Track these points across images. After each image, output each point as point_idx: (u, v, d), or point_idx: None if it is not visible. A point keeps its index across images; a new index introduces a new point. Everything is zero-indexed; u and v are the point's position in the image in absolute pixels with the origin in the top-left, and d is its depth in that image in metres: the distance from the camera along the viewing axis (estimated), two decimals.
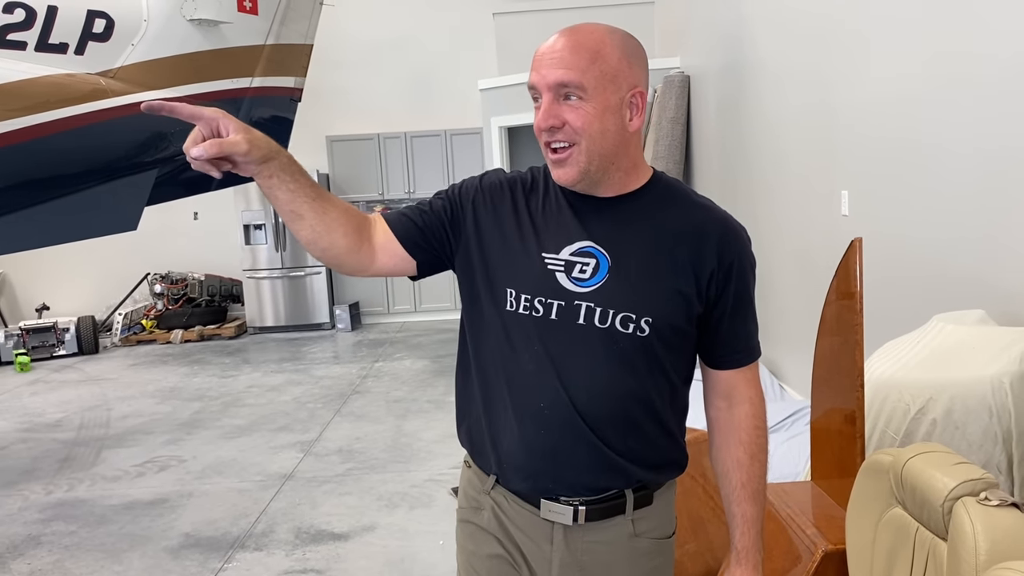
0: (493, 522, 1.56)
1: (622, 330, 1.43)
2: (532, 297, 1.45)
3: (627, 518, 1.51)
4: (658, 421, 1.50)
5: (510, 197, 1.53)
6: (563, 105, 1.37)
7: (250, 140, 1.30)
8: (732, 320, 1.50)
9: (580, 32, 1.40)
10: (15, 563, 3.80)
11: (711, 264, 1.45)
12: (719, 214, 1.52)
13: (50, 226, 5.22)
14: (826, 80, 4.18)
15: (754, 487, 1.54)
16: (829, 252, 4.18)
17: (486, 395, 1.53)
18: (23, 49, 5.02)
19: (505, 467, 1.52)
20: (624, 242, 1.45)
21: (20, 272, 10.20)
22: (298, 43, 6.50)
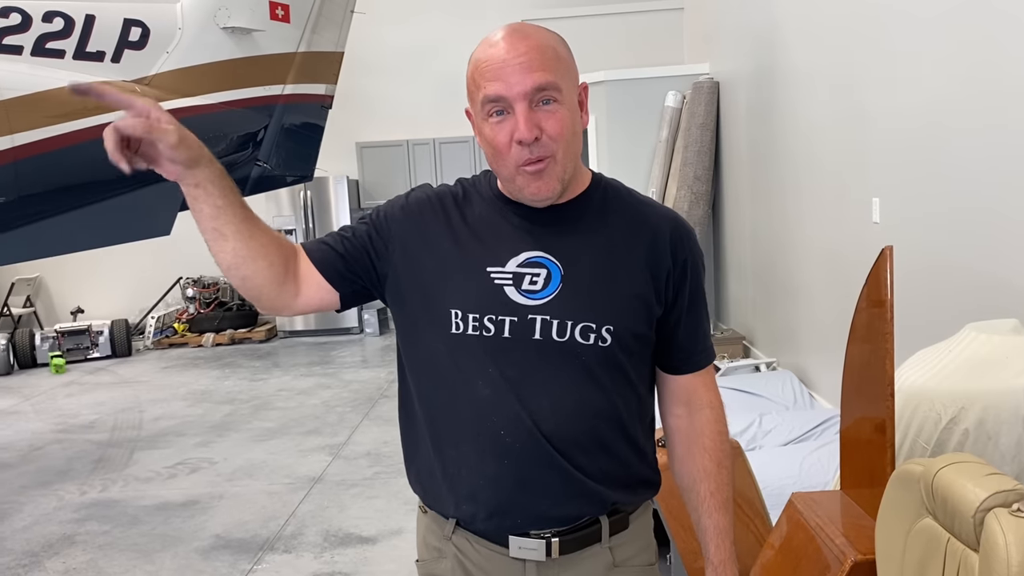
0: (458, 570, 1.43)
1: (582, 342, 1.33)
2: (481, 315, 1.33)
3: (604, 547, 1.41)
4: (628, 438, 1.41)
5: (442, 212, 1.41)
6: (538, 112, 1.27)
7: (181, 133, 1.20)
8: (688, 320, 1.44)
9: (530, 31, 1.31)
10: (50, 562, 3.87)
11: (666, 263, 1.39)
12: (666, 212, 1.47)
13: (85, 231, 5.31)
14: (858, 86, 4.15)
15: (723, 496, 1.46)
16: (860, 260, 4.14)
17: (434, 432, 1.40)
18: (61, 57, 5.13)
19: (465, 507, 1.39)
20: (574, 248, 1.36)
21: (56, 276, 10.38)
22: (329, 50, 6.58)
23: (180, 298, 10.05)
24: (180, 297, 10.04)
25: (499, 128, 1.29)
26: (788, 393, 4.79)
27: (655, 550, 1.53)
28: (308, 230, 9.58)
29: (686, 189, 6.72)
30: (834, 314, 4.60)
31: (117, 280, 10.22)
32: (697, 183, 6.74)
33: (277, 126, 6.17)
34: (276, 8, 6.07)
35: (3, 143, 4.57)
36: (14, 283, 9.91)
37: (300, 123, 6.39)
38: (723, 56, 6.86)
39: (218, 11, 5.72)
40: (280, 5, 6.09)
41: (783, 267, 5.48)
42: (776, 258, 5.62)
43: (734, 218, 6.69)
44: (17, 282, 9.94)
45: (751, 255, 6.21)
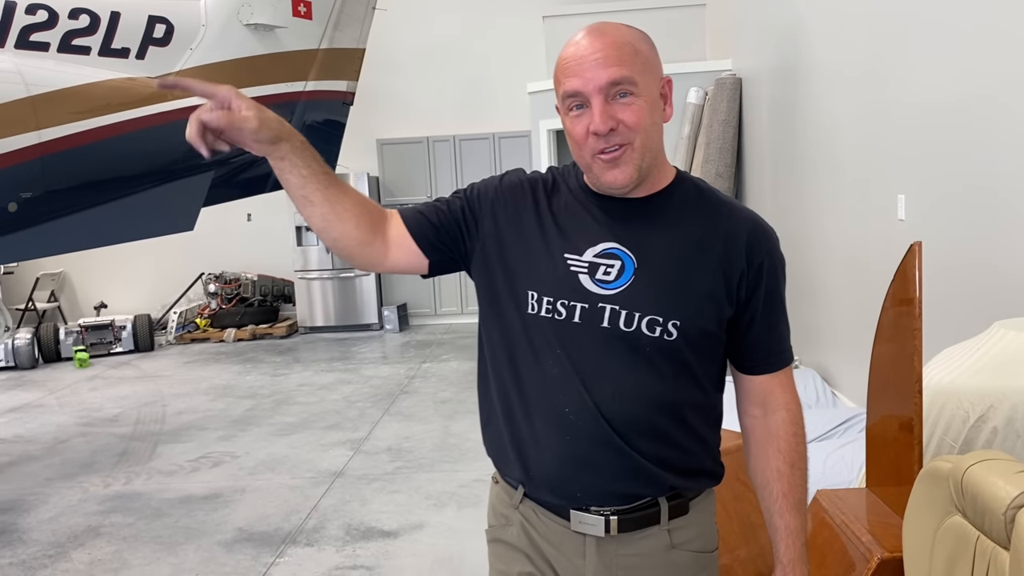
0: (523, 538, 1.49)
1: (648, 334, 1.37)
2: (554, 299, 1.39)
3: (662, 528, 1.44)
4: (688, 428, 1.44)
5: (532, 198, 1.48)
6: (614, 105, 1.33)
7: (261, 118, 1.29)
8: (764, 322, 1.45)
9: (610, 29, 1.37)
10: (76, 552, 3.91)
11: (740, 265, 1.41)
12: (747, 213, 1.48)
13: (110, 226, 5.36)
14: (883, 82, 4.11)
15: (796, 497, 1.48)
16: (884, 257, 4.11)
17: (506, 403, 1.47)
18: (87, 54, 5.17)
19: (532, 477, 1.45)
20: (651, 243, 1.41)
21: (79, 271, 10.50)
22: (351, 47, 6.60)
23: (202, 294, 10.13)
24: (202, 293, 10.13)
25: (578, 121, 1.36)
26: (811, 391, 4.76)
27: (715, 539, 1.54)
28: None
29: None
30: (857, 312, 4.57)
31: (140, 275, 10.32)
32: (719, 180, 6.70)
33: (299, 123, 6.20)
34: (299, 5, 6.10)
35: (30, 139, 4.62)
36: (39, 278, 10.02)
37: (322, 120, 6.42)
38: (746, 52, 6.82)
39: (241, 8, 5.75)
40: (303, 2, 6.11)
41: (805, 265, 5.44)
42: (798, 255, 5.58)
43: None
44: (42, 277, 10.05)
45: None
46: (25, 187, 4.65)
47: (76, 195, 5.02)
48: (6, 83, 4.59)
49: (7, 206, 4.59)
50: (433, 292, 9.98)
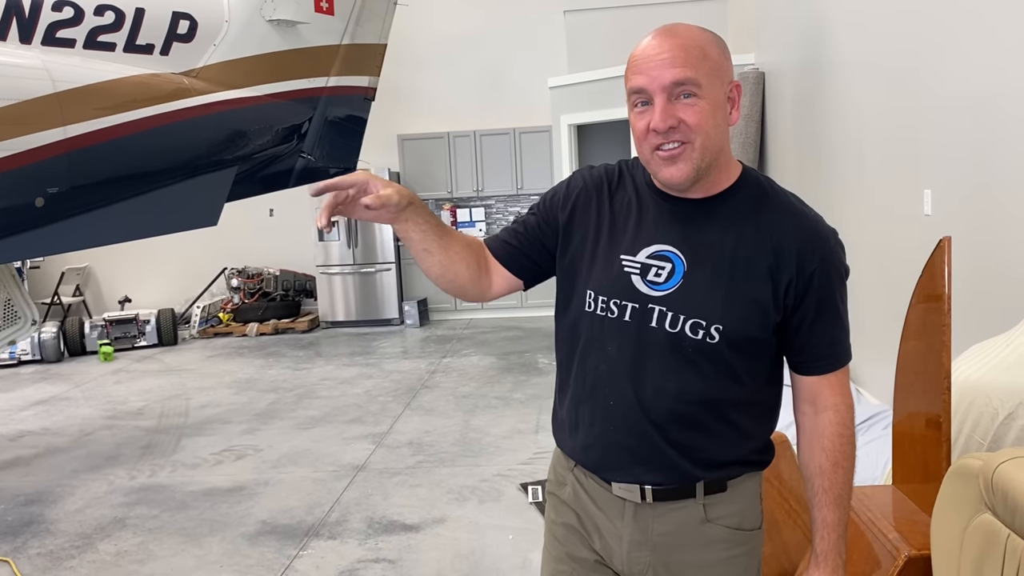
0: (572, 496, 1.63)
1: (691, 336, 1.44)
2: (608, 299, 1.48)
3: (698, 502, 1.52)
4: (729, 424, 1.50)
5: (596, 200, 1.56)
6: (677, 104, 1.38)
7: (399, 191, 1.44)
8: (813, 327, 1.48)
9: (680, 31, 1.41)
10: (102, 544, 3.96)
11: (789, 273, 1.44)
12: (806, 221, 1.49)
13: (135, 221, 5.40)
14: (910, 77, 4.07)
15: (836, 493, 1.52)
16: (910, 253, 4.07)
17: (565, 388, 1.61)
18: (112, 50, 5.21)
19: (579, 455, 1.60)
20: (703, 247, 1.45)
21: (104, 266, 10.61)
22: (372, 43, 6.61)
23: (225, 288, 10.21)
24: (225, 287, 10.20)
25: (640, 117, 1.42)
26: None
27: (758, 518, 1.60)
28: (350, 222, 9.65)
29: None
30: (881, 308, 4.53)
31: (164, 270, 10.41)
32: None
33: (321, 118, 6.22)
34: (321, 1, 6.12)
35: (56, 134, 4.66)
36: (64, 272, 10.13)
37: (344, 115, 6.43)
38: (769, 47, 6.77)
39: (264, 4, 5.77)
40: None
41: None
42: None
43: None
44: (67, 271, 10.17)
45: None
46: (52, 182, 4.69)
47: (101, 190, 5.06)
48: (33, 79, 4.63)
49: (34, 201, 4.64)
50: None
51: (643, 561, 1.55)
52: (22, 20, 4.85)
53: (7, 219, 4.58)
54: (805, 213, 1.51)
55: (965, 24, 3.50)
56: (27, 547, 3.95)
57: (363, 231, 9.72)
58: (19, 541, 4.03)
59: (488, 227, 10.20)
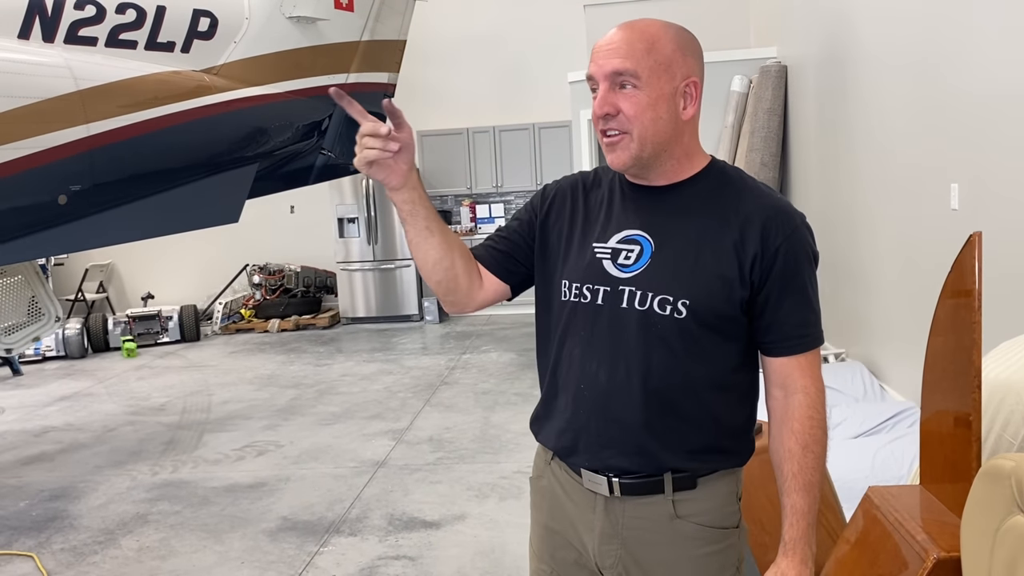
0: (550, 489, 1.67)
1: (659, 312, 1.47)
2: (581, 285, 1.54)
3: (667, 498, 1.53)
4: (700, 405, 1.51)
5: (571, 198, 1.64)
6: (618, 93, 1.45)
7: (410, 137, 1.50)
8: (780, 305, 1.49)
9: (636, 25, 1.49)
10: (125, 539, 3.99)
11: (754, 248, 1.47)
12: (770, 199, 1.52)
13: (157, 218, 5.43)
14: (937, 68, 4.01)
15: (805, 479, 1.51)
16: (936, 248, 4.01)
17: (543, 378, 1.67)
18: (134, 48, 5.24)
19: (554, 443, 1.63)
20: (670, 228, 1.51)
21: (127, 262, 10.69)
22: (392, 39, 6.60)
23: (247, 285, 10.26)
24: (247, 284, 10.25)
25: (594, 103, 1.49)
26: (858, 384, 4.67)
27: (733, 517, 1.58)
28: (370, 218, 9.67)
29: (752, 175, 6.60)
30: (907, 304, 4.47)
31: (186, 267, 10.47)
32: (764, 169, 6.60)
33: (341, 115, 6.22)
34: None
35: (79, 132, 4.69)
36: (88, 269, 10.22)
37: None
38: (791, 39, 6.70)
39: (284, 1, 5.78)
40: None
41: (853, 256, 5.34)
42: (846, 246, 5.48)
43: (802, 205, 6.54)
44: (91, 268, 10.25)
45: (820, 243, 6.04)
46: (74, 180, 4.72)
47: (124, 187, 5.09)
48: (56, 77, 4.66)
49: (57, 199, 4.67)
50: None
51: (614, 554, 1.56)
52: (45, 19, 4.88)
53: (31, 216, 4.61)
54: (771, 195, 1.55)
55: (992, 16, 3.44)
56: (51, 542, 3.99)
57: (383, 228, 9.73)
58: (43, 536, 4.06)
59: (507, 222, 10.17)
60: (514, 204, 10.30)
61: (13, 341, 5.57)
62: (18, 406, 6.77)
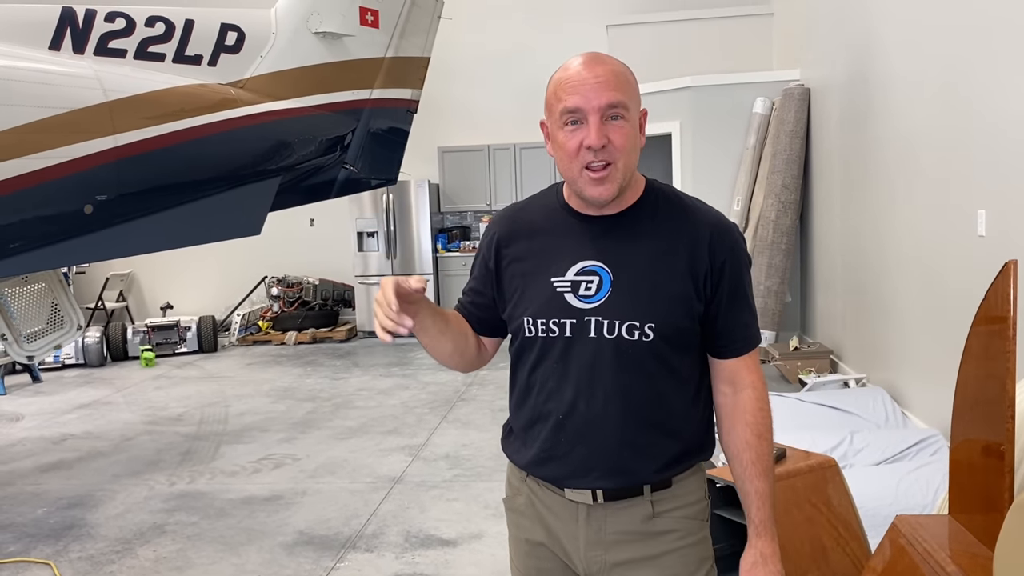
0: (528, 505, 1.71)
1: (628, 338, 1.54)
2: (547, 319, 1.59)
3: (646, 498, 1.61)
4: (674, 416, 1.61)
5: (513, 237, 1.68)
6: (608, 125, 1.50)
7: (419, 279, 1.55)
8: (728, 313, 1.60)
9: (605, 58, 1.54)
10: (142, 549, 3.99)
11: (704, 265, 1.57)
12: (709, 216, 1.62)
13: (181, 229, 5.46)
14: (964, 94, 3.99)
15: (764, 464, 1.62)
16: (962, 274, 3.98)
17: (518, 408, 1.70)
18: (162, 61, 5.30)
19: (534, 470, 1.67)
20: (624, 255, 1.58)
21: (147, 272, 10.77)
22: (416, 56, 6.65)
23: (265, 296, 10.30)
24: (265, 296, 10.29)
25: (572, 135, 1.52)
26: (880, 410, 4.63)
27: (703, 509, 1.69)
28: (389, 232, 9.71)
29: (773, 198, 6.57)
30: (930, 330, 4.43)
31: (205, 278, 10.53)
32: (785, 192, 6.58)
33: (364, 130, 6.26)
34: (366, 14, 6.17)
35: (107, 143, 4.74)
36: (108, 278, 10.30)
37: (386, 127, 6.47)
38: (815, 62, 6.69)
39: (311, 16, 5.83)
40: (370, 11, 6.18)
41: (875, 280, 5.30)
42: (868, 270, 5.44)
43: (823, 228, 6.51)
44: (111, 277, 10.33)
45: (841, 267, 6.03)
46: (101, 190, 4.76)
47: (148, 198, 5.13)
48: (85, 88, 4.72)
49: (83, 208, 4.72)
50: None
51: (599, 560, 1.62)
52: (76, 31, 4.95)
53: (57, 225, 4.65)
54: (708, 211, 1.64)
55: (1020, 40, 3.42)
56: (68, 551, 3.99)
57: (402, 242, 9.76)
58: (61, 544, 4.07)
59: None
60: None
61: (35, 348, 5.61)
62: (37, 413, 6.81)
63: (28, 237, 4.56)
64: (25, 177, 4.32)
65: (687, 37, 8.41)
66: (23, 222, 4.46)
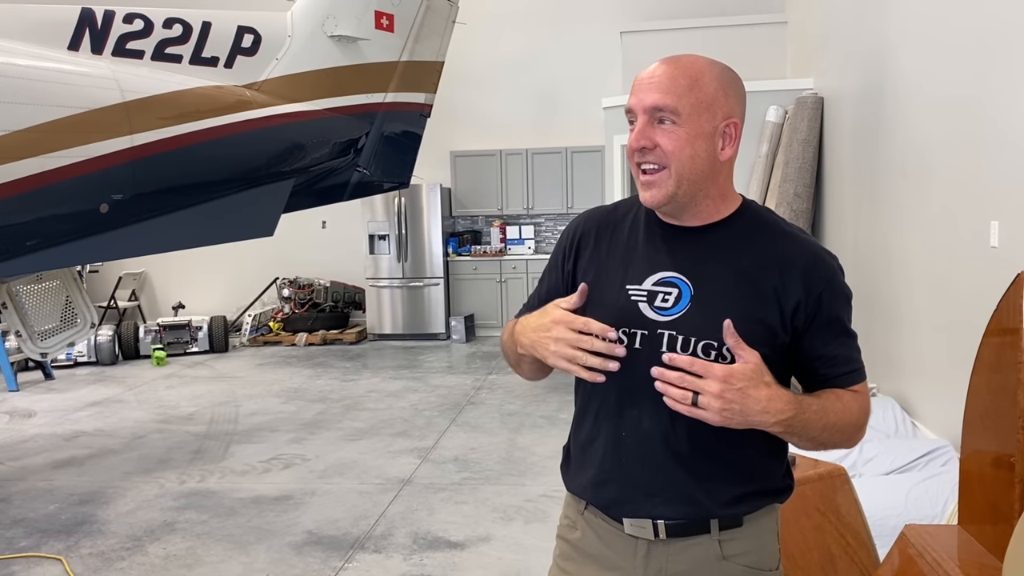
0: (583, 540, 1.60)
1: (704, 357, 1.42)
2: (617, 328, 1.45)
3: (713, 538, 1.49)
4: (745, 447, 1.47)
5: (594, 238, 1.60)
6: (656, 128, 1.43)
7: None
8: (827, 347, 1.48)
9: (681, 60, 1.46)
10: (152, 547, 4.01)
11: (797, 295, 1.45)
12: (807, 244, 1.51)
13: (195, 229, 5.50)
14: (979, 105, 3.98)
15: (820, 402, 1.43)
16: (974, 286, 3.97)
17: (577, 427, 1.62)
18: (179, 62, 5.34)
19: (591, 493, 1.57)
20: (708, 271, 1.48)
21: (159, 272, 10.83)
22: (430, 60, 6.68)
23: (276, 298, 10.34)
24: (276, 297, 10.33)
25: (630, 136, 1.48)
26: (889, 420, 4.62)
27: (775, 557, 1.56)
28: (400, 236, 9.74)
29: (785, 206, 6.57)
30: (941, 340, 4.42)
31: (217, 278, 10.59)
32: (797, 200, 6.58)
33: (378, 133, 6.30)
34: (381, 18, 6.20)
35: (123, 143, 4.78)
36: (121, 277, 10.36)
37: (400, 131, 6.50)
38: (829, 71, 6.69)
39: (326, 20, 5.87)
40: (385, 15, 6.22)
41: (887, 290, 5.30)
42: (879, 280, 5.44)
43: (835, 237, 6.51)
44: (124, 276, 10.39)
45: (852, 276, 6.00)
46: (117, 189, 4.80)
47: (163, 198, 5.17)
48: (103, 89, 4.76)
49: (99, 207, 4.76)
50: (500, 304, 10.00)
51: None
52: (94, 31, 4.99)
53: (73, 224, 4.69)
54: (807, 239, 1.54)
55: None
56: (79, 546, 4.03)
57: (413, 245, 9.79)
58: (72, 540, 4.10)
59: (537, 244, 10.20)
60: (544, 227, 10.33)
61: (49, 345, 5.66)
62: (50, 410, 6.86)
63: (45, 235, 4.60)
64: (43, 175, 4.37)
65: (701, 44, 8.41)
66: (40, 220, 4.51)
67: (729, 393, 1.31)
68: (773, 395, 1.35)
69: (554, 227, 10.32)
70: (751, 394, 1.33)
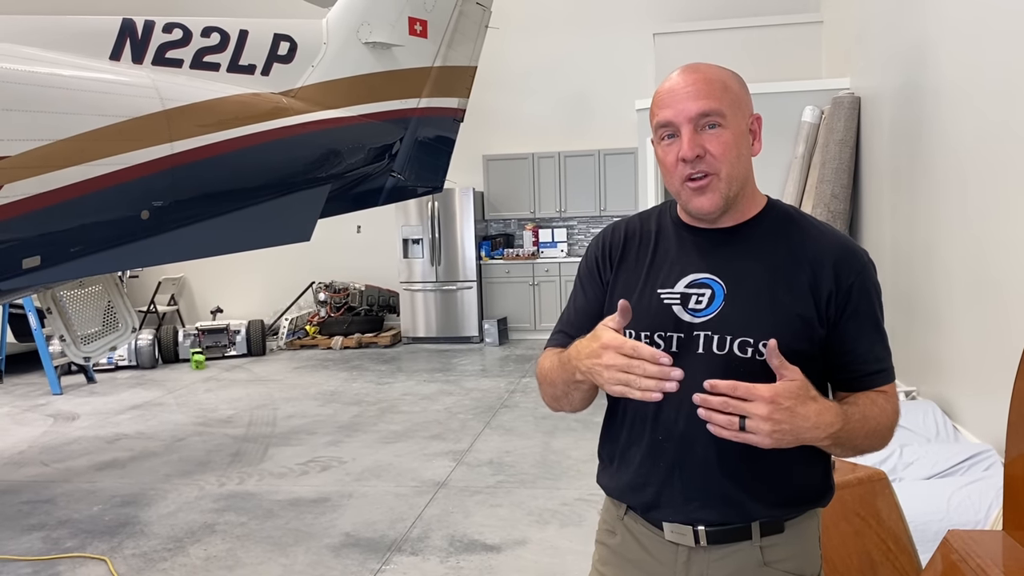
0: (623, 546, 1.60)
1: (740, 355, 1.43)
2: (651, 333, 1.48)
3: (754, 544, 1.48)
4: (789, 450, 1.39)
5: (621, 248, 1.61)
6: (704, 135, 1.43)
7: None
8: (858, 343, 1.48)
9: (701, 67, 1.48)
10: (193, 548, 4.08)
11: (828, 286, 1.46)
12: (836, 238, 1.52)
13: (233, 235, 5.58)
14: (1019, 103, 3.92)
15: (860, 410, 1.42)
16: (1017, 287, 3.91)
17: (612, 432, 1.62)
18: (216, 70, 5.42)
19: (629, 497, 1.58)
20: (740, 270, 1.49)
21: (198, 277, 10.99)
22: (463, 65, 6.71)
23: (312, 302, 10.45)
24: (312, 301, 10.45)
25: (669, 149, 1.47)
26: (930, 424, 4.55)
27: (817, 563, 1.55)
28: (434, 240, 9.79)
29: (823, 207, 6.51)
30: (984, 343, 4.35)
31: (254, 283, 10.72)
32: (834, 201, 6.51)
33: (412, 138, 6.34)
34: (415, 24, 6.25)
35: (163, 150, 4.86)
36: (160, 282, 10.53)
37: (433, 136, 6.54)
38: (865, 71, 6.62)
39: (361, 27, 5.93)
40: (419, 21, 6.26)
41: (927, 291, 5.22)
42: (919, 281, 5.36)
43: (873, 238, 6.43)
44: (163, 281, 10.56)
45: (891, 277, 5.94)
46: (157, 196, 4.89)
47: (202, 204, 5.25)
48: (144, 97, 4.85)
49: (140, 214, 4.84)
50: (533, 307, 10.01)
51: None
52: (135, 41, 5.08)
53: (116, 230, 4.78)
54: (836, 233, 1.55)
55: None
56: (123, 547, 4.10)
57: (446, 249, 9.84)
58: (115, 541, 4.18)
59: (569, 247, 10.20)
60: (576, 230, 10.33)
61: (92, 350, 5.78)
62: (92, 413, 6.99)
63: (89, 241, 4.70)
64: (87, 183, 4.45)
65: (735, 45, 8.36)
66: (84, 227, 4.60)
67: (778, 414, 1.28)
68: (821, 409, 1.33)
69: (586, 230, 10.31)
70: (799, 411, 1.30)
